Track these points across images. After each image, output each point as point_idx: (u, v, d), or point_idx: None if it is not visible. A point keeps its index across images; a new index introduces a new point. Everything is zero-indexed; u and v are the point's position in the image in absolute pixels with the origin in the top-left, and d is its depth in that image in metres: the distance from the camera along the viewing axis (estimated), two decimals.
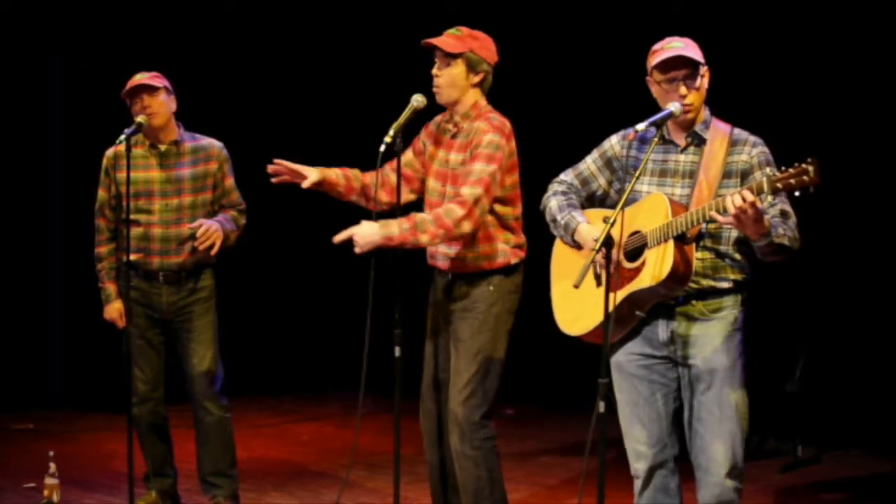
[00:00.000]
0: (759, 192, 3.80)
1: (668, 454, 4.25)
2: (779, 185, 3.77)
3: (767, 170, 4.01)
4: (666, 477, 4.26)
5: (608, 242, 3.88)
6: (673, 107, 4.01)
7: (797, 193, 3.78)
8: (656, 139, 4.05)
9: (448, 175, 4.84)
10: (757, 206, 3.81)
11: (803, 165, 3.74)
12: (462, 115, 4.82)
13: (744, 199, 3.80)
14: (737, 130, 4.15)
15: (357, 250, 4.62)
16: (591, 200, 4.38)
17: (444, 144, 4.90)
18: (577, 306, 4.26)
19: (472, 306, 4.80)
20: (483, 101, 4.83)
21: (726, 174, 4.07)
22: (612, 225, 3.89)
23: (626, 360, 4.23)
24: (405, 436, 4.88)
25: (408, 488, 5.62)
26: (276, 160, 4.91)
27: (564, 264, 4.36)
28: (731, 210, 3.83)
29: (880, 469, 6.58)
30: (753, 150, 4.10)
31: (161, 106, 5.44)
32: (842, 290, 6.88)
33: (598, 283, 4.18)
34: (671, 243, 3.99)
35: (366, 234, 4.60)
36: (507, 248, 4.82)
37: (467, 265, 4.82)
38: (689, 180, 4.10)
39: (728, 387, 4.09)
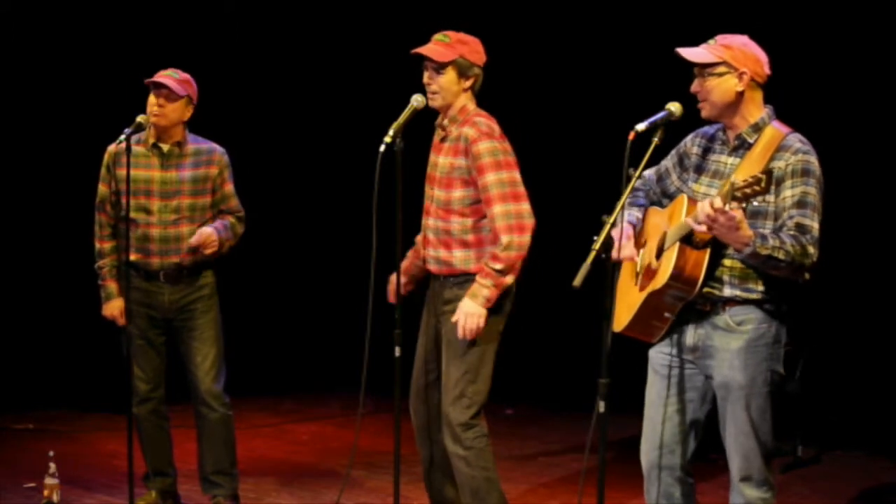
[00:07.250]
0: (725, 200, 3.69)
1: (672, 460, 4.19)
2: (738, 193, 3.67)
3: (799, 179, 3.89)
4: (671, 485, 4.21)
5: (608, 243, 3.82)
6: (673, 106, 3.96)
7: (755, 203, 3.71)
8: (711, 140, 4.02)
9: (435, 178, 4.87)
10: (730, 215, 3.69)
11: (759, 175, 3.66)
12: (451, 118, 4.84)
13: (712, 207, 3.71)
14: (792, 137, 3.98)
15: (483, 324, 4.70)
16: (669, 197, 4.24)
17: (434, 147, 4.93)
18: (620, 305, 4.24)
19: None
20: (471, 105, 4.84)
21: None
22: (612, 225, 3.84)
23: (655, 355, 4.22)
24: (405, 436, 4.89)
25: (408, 488, 5.62)
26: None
27: (627, 263, 4.31)
28: (701, 218, 3.77)
29: (880, 469, 6.58)
30: (793, 157, 3.92)
31: (174, 112, 5.42)
32: (842, 290, 6.87)
33: (639, 285, 4.15)
34: (677, 245, 3.96)
35: (471, 311, 4.69)
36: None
37: (455, 268, 4.84)
38: (723, 182, 3.97)
39: (742, 404, 4.03)
